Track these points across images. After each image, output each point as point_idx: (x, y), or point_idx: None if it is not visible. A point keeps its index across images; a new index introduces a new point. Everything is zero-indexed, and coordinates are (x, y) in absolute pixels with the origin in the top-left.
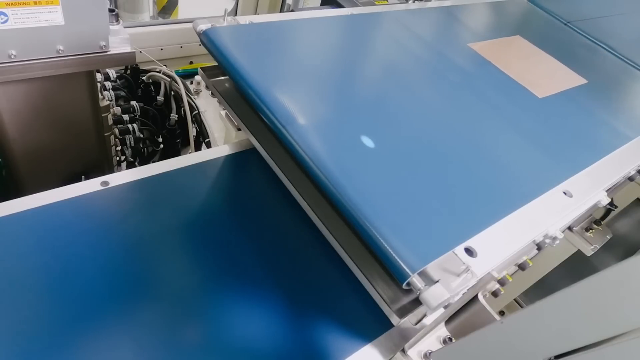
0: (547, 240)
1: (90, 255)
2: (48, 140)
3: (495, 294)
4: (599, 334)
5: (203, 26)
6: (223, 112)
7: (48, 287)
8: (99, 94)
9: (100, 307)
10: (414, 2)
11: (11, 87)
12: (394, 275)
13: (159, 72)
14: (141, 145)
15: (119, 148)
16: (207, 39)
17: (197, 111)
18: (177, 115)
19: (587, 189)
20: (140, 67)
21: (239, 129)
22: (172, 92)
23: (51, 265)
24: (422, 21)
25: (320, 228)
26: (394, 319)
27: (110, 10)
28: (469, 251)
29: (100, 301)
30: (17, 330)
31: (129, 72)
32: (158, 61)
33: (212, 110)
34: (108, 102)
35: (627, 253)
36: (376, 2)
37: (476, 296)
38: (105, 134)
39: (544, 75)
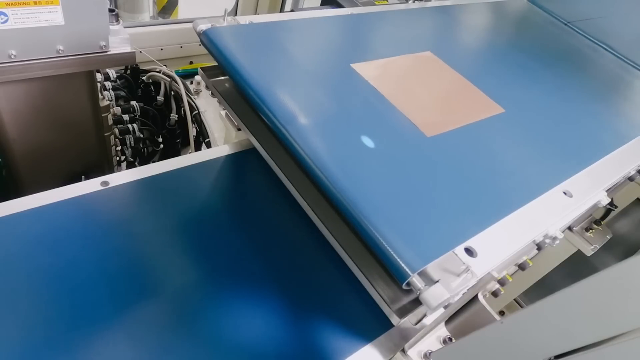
0: (547, 240)
1: (91, 255)
2: (48, 140)
3: (495, 294)
4: (599, 334)
5: (203, 26)
6: (223, 112)
7: (48, 287)
8: (99, 94)
9: (101, 307)
10: (414, 2)
11: (11, 87)
12: (394, 275)
13: (159, 72)
14: (141, 145)
15: (119, 148)
16: (207, 39)
17: (197, 111)
18: (177, 115)
19: (587, 189)
20: (140, 67)
21: (239, 129)
22: (172, 92)
23: (51, 265)
24: (421, 21)
25: (320, 228)
26: (394, 319)
27: (110, 10)
28: (469, 251)
29: (100, 301)
30: (17, 330)
31: (129, 72)
32: (158, 61)
33: (212, 110)
34: (108, 102)
35: (627, 253)
36: (376, 2)
37: (476, 296)
38: (105, 134)
39: (446, 103)
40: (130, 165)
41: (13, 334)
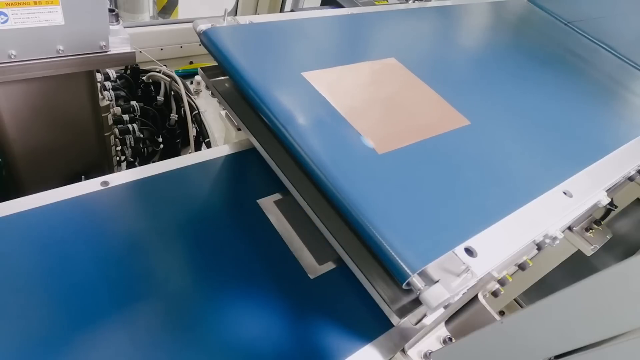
0: (547, 240)
1: (90, 255)
2: (48, 140)
3: (495, 294)
4: (599, 334)
5: (203, 26)
6: (223, 112)
7: (48, 287)
8: (99, 94)
9: (100, 307)
10: (414, 2)
11: (11, 87)
12: (394, 275)
13: (159, 72)
14: (141, 145)
15: (119, 148)
16: (207, 39)
17: (197, 111)
18: (177, 115)
19: (587, 189)
20: (140, 67)
21: (239, 129)
22: (172, 92)
23: (51, 265)
24: (421, 21)
25: (320, 228)
26: (394, 319)
27: (110, 10)
28: (469, 251)
29: (99, 301)
30: (17, 329)
31: (129, 72)
32: (158, 61)
33: (212, 110)
34: (108, 102)
35: (627, 253)
36: (376, 2)
37: (476, 296)
38: (105, 134)
39: (410, 113)
40: (130, 165)
41: (13, 334)
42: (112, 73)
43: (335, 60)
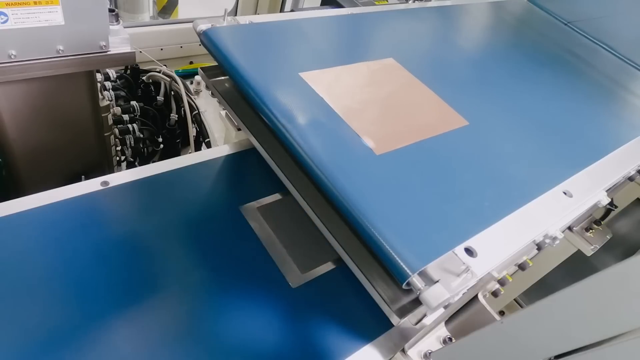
0: (547, 240)
1: (90, 255)
2: (48, 140)
3: (495, 294)
4: (599, 334)
5: (203, 26)
6: (223, 112)
7: (48, 287)
8: (99, 94)
9: (100, 307)
10: (414, 2)
11: (11, 87)
12: (394, 275)
13: (159, 72)
14: (141, 145)
15: (119, 148)
16: (207, 39)
17: (197, 111)
18: (177, 115)
19: (587, 189)
20: (140, 67)
21: (239, 129)
22: (172, 92)
23: (51, 265)
24: (420, 21)
25: (320, 228)
26: (394, 319)
27: (110, 10)
28: (469, 251)
29: (99, 300)
30: (18, 329)
31: (129, 72)
32: (158, 61)
33: (212, 110)
34: (108, 102)
35: (627, 253)
36: (376, 2)
37: (476, 296)
38: (105, 134)
39: (406, 114)
40: (130, 165)
41: (14, 334)
42: (112, 73)
43: (334, 60)
